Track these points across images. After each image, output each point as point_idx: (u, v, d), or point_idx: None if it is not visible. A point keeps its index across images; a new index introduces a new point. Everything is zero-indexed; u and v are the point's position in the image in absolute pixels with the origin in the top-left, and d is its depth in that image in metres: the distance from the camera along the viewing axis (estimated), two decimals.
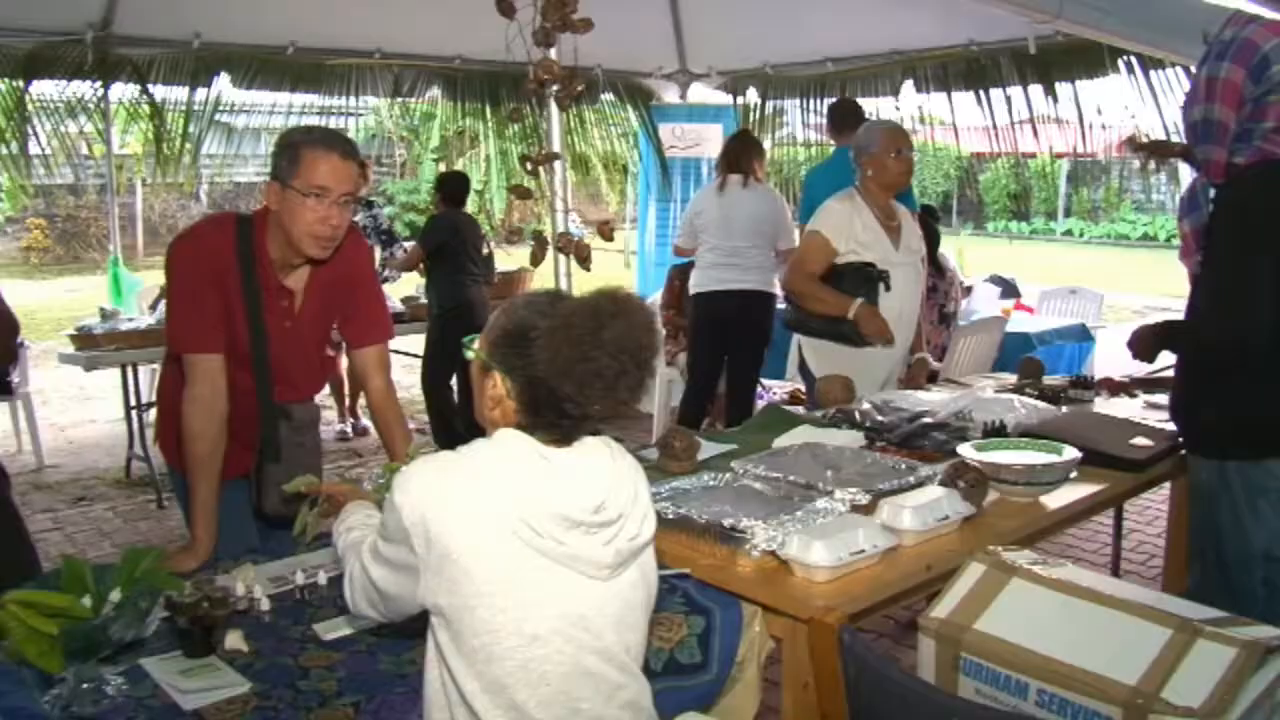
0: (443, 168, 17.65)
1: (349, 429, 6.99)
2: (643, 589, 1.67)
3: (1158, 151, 3.99)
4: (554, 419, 1.57)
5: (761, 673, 2.19)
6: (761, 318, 5.44)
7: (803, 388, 5.43)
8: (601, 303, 1.54)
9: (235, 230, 2.47)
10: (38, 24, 5.78)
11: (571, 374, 1.51)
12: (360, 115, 7.55)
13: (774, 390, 7.11)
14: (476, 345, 1.69)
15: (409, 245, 6.64)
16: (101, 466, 6.55)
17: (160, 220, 19.77)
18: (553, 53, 2.82)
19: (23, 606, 1.68)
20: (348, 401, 7.06)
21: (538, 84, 2.79)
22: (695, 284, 5.50)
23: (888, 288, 3.68)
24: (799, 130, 8.98)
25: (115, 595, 1.85)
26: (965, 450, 2.67)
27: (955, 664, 1.86)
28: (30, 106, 6.12)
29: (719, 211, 5.39)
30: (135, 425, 6.05)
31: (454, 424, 6.17)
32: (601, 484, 1.58)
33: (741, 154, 5.48)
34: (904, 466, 2.60)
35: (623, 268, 12.92)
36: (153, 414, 6.37)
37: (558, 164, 2.86)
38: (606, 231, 3.01)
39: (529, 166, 2.87)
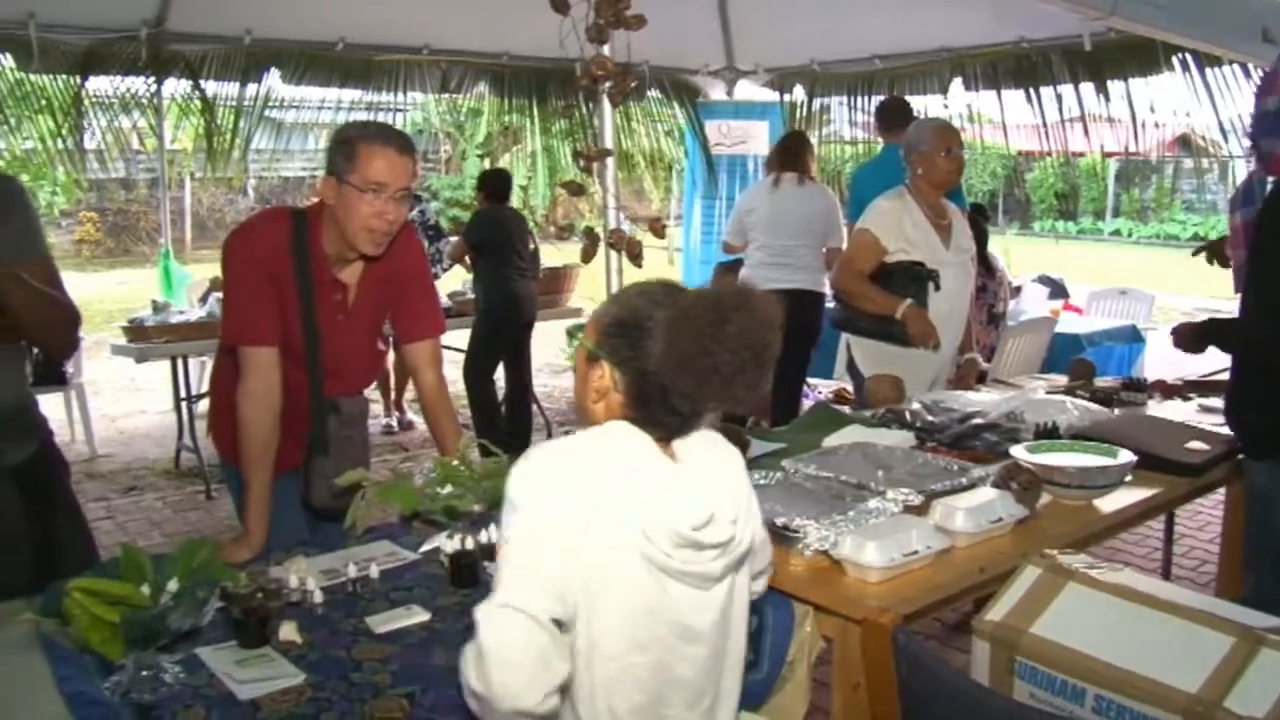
0: (487, 164, 17.72)
1: (394, 423, 7.03)
2: (743, 589, 1.64)
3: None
4: (663, 415, 1.52)
5: (811, 673, 2.18)
6: (810, 317, 5.41)
7: (849, 387, 5.40)
8: (725, 294, 1.49)
9: (290, 224, 2.48)
10: (95, 21, 5.86)
11: (689, 369, 1.45)
12: (406, 111, 7.57)
13: (820, 389, 7.08)
14: (584, 333, 1.62)
15: (454, 240, 6.67)
16: (151, 457, 6.64)
17: (208, 214, 20.00)
18: (605, 49, 2.82)
19: (86, 594, 1.70)
20: (393, 395, 7.11)
21: (590, 80, 2.79)
22: (743, 282, 5.48)
23: (937, 287, 3.66)
24: (844, 128, 8.92)
25: (173, 585, 1.87)
26: (1018, 452, 2.65)
27: (1010, 668, 1.84)
28: (86, 102, 6.22)
29: (770, 210, 5.39)
30: (185, 417, 6.14)
31: (496, 420, 6.19)
32: (710, 497, 1.52)
33: (798, 152, 5.50)
34: (956, 468, 2.58)
35: (666, 265, 12.91)
36: (202, 406, 6.48)
37: (609, 160, 2.86)
38: (658, 228, 3.00)
39: (581, 163, 2.87)
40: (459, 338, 6.51)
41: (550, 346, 6.32)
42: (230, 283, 2.52)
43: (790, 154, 5.48)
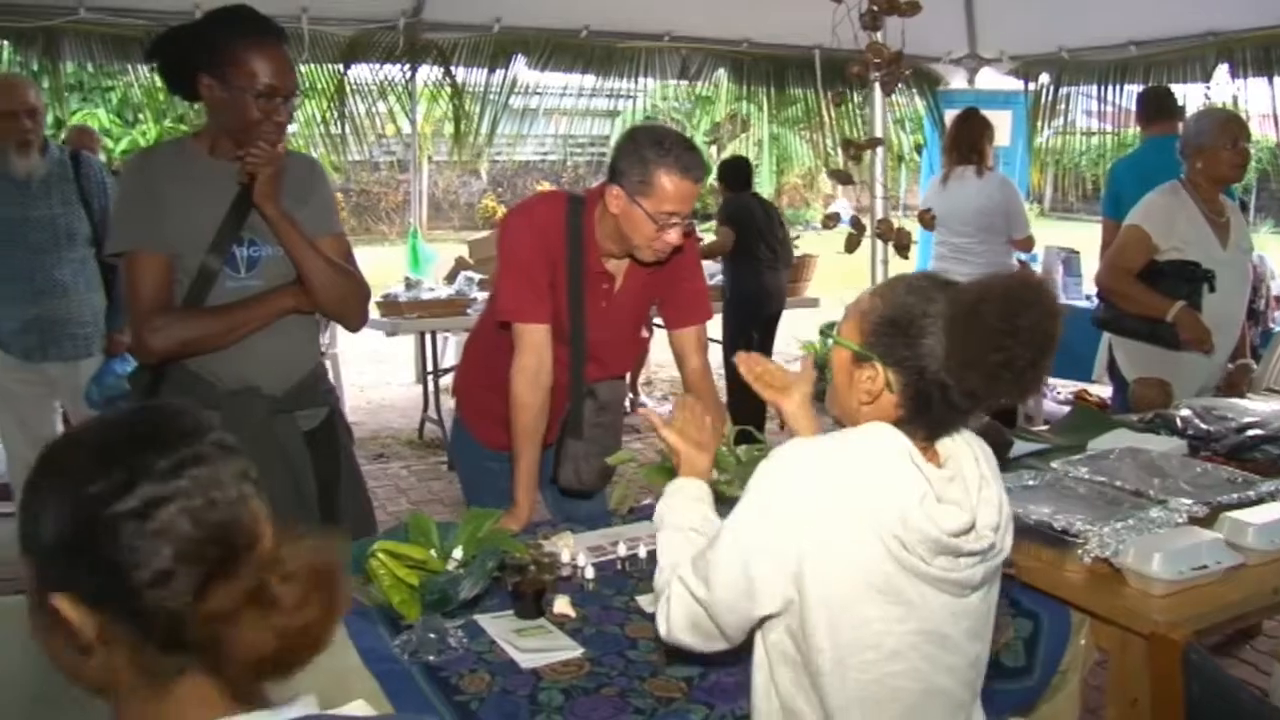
0: (714, 151, 17.79)
1: (626, 405, 7.10)
2: (994, 596, 1.58)
3: None
4: (943, 413, 1.47)
5: (1084, 684, 2.10)
6: None
7: (1090, 388, 5.19)
8: (1014, 289, 1.42)
9: (567, 209, 2.49)
10: (358, 14, 6.22)
11: (980, 365, 1.39)
12: (633, 97, 7.65)
13: (1057, 389, 6.80)
14: (843, 333, 1.55)
15: (724, 229, 6.54)
16: (395, 427, 6.97)
17: (443, 196, 20.84)
18: (878, 36, 2.78)
19: (389, 556, 1.81)
20: (628, 377, 7.19)
21: (864, 68, 2.75)
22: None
23: (1212, 288, 3.45)
24: (1080, 118, 8.48)
25: (458, 553, 1.95)
26: None
27: None
28: (347, 89, 6.58)
29: (943, 207, 4.99)
30: (431, 390, 6.41)
31: (754, 409, 6.15)
32: (970, 505, 1.46)
33: (975, 139, 5.14)
34: (1240, 479, 2.44)
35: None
36: (446, 380, 6.76)
37: (879, 150, 2.82)
38: (928, 219, 2.94)
39: (851, 151, 2.84)
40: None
41: (783, 334, 6.27)
42: (506, 259, 2.54)
43: (966, 143, 5.14)
